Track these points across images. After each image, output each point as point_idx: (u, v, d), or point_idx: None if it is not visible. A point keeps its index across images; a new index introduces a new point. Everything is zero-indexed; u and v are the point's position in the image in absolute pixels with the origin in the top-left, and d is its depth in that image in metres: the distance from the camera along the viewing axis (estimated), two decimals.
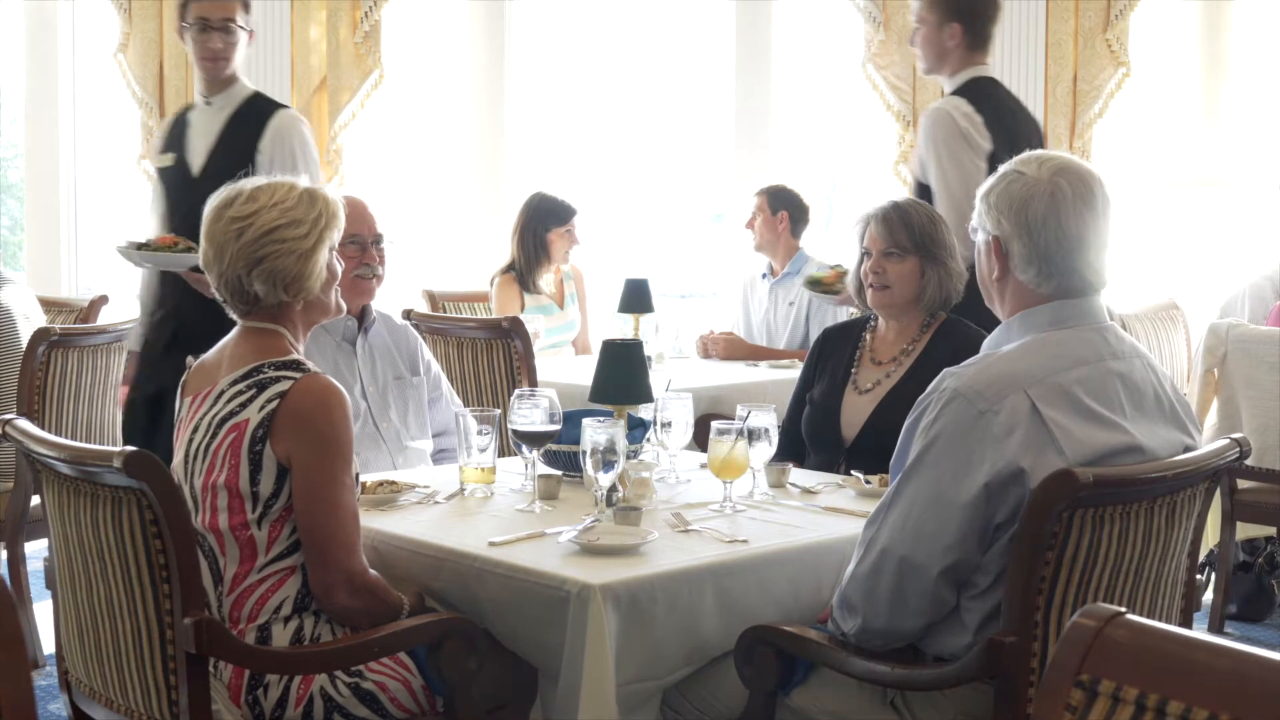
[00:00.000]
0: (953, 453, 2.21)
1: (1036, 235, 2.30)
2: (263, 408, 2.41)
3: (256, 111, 3.97)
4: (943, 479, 2.22)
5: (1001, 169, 2.40)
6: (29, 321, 4.47)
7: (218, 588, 2.42)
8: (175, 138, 4.06)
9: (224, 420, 2.43)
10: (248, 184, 2.53)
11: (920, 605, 2.25)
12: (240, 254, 2.47)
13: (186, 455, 2.48)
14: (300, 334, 2.57)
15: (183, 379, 2.61)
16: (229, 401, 2.45)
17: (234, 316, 2.57)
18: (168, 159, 4.05)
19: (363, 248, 3.49)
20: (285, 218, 2.48)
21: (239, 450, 2.40)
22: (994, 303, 2.43)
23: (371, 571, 2.47)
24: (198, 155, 3.97)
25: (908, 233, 3.32)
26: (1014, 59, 5.83)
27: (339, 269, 2.60)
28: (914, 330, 3.40)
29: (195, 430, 2.48)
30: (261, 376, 2.45)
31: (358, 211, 3.56)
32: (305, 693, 2.39)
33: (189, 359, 2.66)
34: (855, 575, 2.31)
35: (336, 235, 2.57)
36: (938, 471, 2.22)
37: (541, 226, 5.63)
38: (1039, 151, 2.42)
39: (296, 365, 2.47)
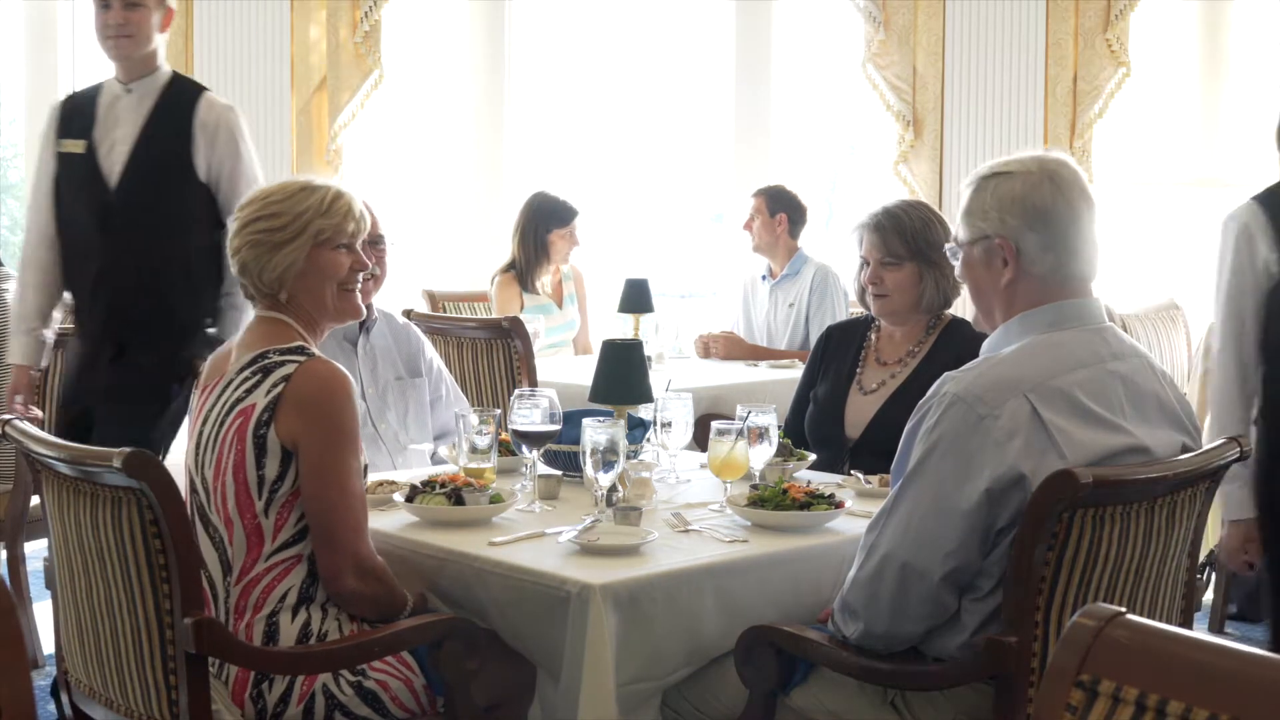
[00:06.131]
0: (953, 458, 2.21)
1: (1051, 219, 2.31)
2: (269, 392, 2.42)
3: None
4: (944, 485, 2.21)
5: (971, 179, 2.41)
6: None
7: (226, 578, 2.43)
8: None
9: (231, 407, 2.45)
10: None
11: (922, 610, 2.25)
12: (230, 245, 2.55)
13: (198, 446, 2.50)
14: (307, 326, 2.56)
15: (200, 373, 2.64)
16: (237, 389, 2.47)
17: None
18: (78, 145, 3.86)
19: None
20: (265, 210, 2.52)
21: (244, 435, 2.41)
22: (995, 311, 2.40)
23: (378, 557, 2.49)
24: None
25: (901, 240, 3.33)
26: (1014, 59, 5.83)
27: (341, 266, 2.55)
28: (919, 331, 3.41)
29: (205, 421, 2.50)
30: (267, 362, 2.46)
31: None
32: (308, 690, 2.40)
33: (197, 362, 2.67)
34: (857, 580, 2.31)
35: (334, 230, 2.54)
36: (939, 477, 2.22)
37: (543, 227, 5.62)
38: (1005, 156, 2.42)
39: (301, 350, 2.49)
